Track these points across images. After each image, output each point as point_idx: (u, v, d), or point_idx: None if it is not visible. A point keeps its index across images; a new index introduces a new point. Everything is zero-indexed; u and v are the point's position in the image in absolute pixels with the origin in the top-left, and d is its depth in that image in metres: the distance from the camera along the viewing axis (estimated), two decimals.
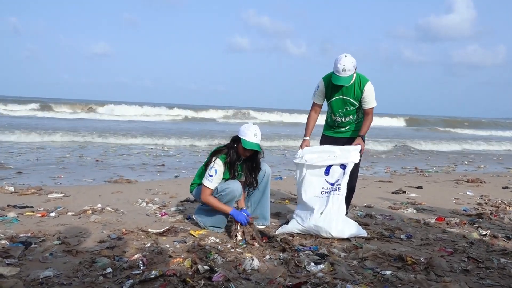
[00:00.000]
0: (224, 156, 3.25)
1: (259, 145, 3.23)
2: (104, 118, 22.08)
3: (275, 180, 6.25)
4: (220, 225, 3.37)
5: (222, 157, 3.25)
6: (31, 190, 4.73)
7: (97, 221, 3.51)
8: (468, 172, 8.27)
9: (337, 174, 3.32)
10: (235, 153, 3.25)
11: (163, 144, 11.38)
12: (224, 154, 3.26)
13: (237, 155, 3.26)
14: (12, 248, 2.68)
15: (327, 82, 3.47)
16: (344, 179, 3.28)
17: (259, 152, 3.32)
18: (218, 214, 3.32)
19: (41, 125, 15.31)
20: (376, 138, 15.24)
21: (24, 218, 3.56)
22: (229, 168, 3.27)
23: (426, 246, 3.08)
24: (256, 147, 3.19)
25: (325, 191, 3.31)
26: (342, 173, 3.31)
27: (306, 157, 3.37)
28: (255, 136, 3.19)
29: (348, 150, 3.32)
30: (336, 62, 3.27)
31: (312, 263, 2.56)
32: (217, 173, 3.22)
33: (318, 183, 3.35)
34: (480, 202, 5.06)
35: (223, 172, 3.26)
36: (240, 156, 3.28)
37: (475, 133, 25.68)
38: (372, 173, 7.75)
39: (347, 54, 3.28)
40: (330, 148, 3.41)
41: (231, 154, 3.24)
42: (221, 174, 3.25)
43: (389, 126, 29.31)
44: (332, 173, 3.33)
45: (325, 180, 3.34)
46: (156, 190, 5.13)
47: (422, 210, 4.44)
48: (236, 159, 3.27)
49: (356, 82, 3.39)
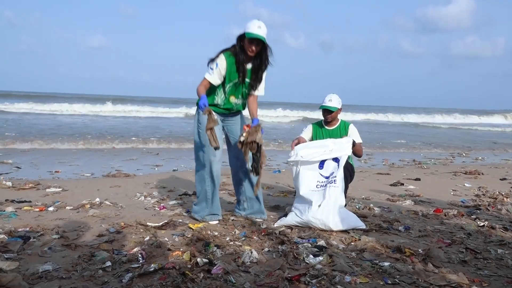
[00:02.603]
0: (229, 52, 3.20)
1: (263, 37, 3.09)
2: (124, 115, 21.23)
3: (273, 174, 6.26)
4: (217, 211, 3.40)
5: (226, 53, 3.19)
6: (29, 184, 4.72)
7: (96, 215, 3.51)
8: (466, 164, 8.29)
9: (331, 167, 3.36)
10: (241, 50, 3.17)
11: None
12: (229, 51, 3.21)
13: (243, 52, 3.18)
14: (11, 243, 2.67)
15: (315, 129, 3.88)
16: (339, 172, 3.32)
17: (267, 49, 3.19)
18: (212, 202, 3.35)
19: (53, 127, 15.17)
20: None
21: (22, 213, 3.55)
22: (237, 67, 3.18)
23: (424, 237, 3.09)
24: (260, 37, 3.07)
25: (320, 184, 3.33)
26: (336, 166, 3.36)
27: (301, 153, 3.40)
28: (259, 28, 3.08)
29: (341, 143, 3.42)
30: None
31: (311, 255, 2.57)
32: (217, 66, 3.16)
33: (312, 177, 3.37)
34: (477, 193, 5.09)
35: (225, 67, 3.17)
36: (247, 54, 3.17)
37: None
38: (370, 165, 7.76)
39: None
40: (324, 142, 3.48)
41: (237, 49, 3.17)
42: (223, 69, 3.17)
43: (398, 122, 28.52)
44: (326, 167, 3.37)
45: (319, 173, 3.37)
46: (155, 183, 5.13)
47: (420, 202, 4.46)
48: (243, 56, 3.17)
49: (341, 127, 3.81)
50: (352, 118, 26.41)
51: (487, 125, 26.26)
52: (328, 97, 3.75)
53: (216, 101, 3.32)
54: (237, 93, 3.32)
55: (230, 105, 3.35)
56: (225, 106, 3.35)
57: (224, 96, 3.30)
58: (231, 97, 3.31)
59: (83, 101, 27.30)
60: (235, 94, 3.32)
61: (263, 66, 3.27)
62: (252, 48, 3.13)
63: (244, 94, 3.36)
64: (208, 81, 3.18)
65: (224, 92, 3.29)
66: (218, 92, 3.30)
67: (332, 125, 3.81)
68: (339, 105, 3.74)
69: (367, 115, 29.59)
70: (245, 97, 3.40)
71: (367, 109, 39.63)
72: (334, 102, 3.71)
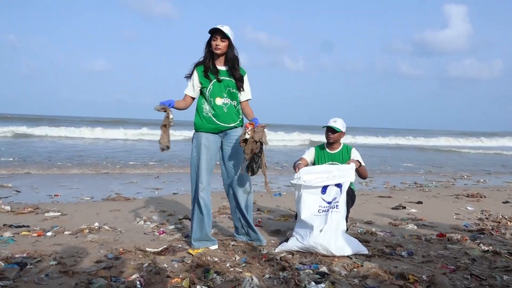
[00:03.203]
0: (198, 63, 3.31)
1: (222, 28, 3.15)
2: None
3: (274, 197, 6.21)
4: (205, 238, 3.31)
5: (197, 67, 3.31)
6: (27, 208, 4.69)
7: (94, 241, 3.46)
8: (467, 187, 8.24)
9: (333, 192, 3.35)
10: (207, 53, 3.27)
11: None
12: (198, 62, 3.32)
13: (212, 54, 3.26)
14: (7, 270, 2.63)
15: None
16: (342, 197, 3.30)
17: (233, 47, 3.27)
18: (201, 229, 3.30)
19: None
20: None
21: (20, 238, 3.51)
22: (206, 68, 3.26)
23: (428, 263, 3.04)
24: (219, 28, 3.13)
25: (322, 209, 3.30)
26: (338, 191, 3.34)
27: (305, 177, 3.37)
28: (221, 26, 3.17)
29: (345, 169, 3.41)
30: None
31: (313, 282, 2.51)
32: (191, 78, 3.31)
33: (314, 201, 3.34)
34: (481, 217, 5.03)
35: (197, 77, 3.28)
36: (216, 54, 3.24)
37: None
38: (372, 188, 7.72)
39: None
40: (328, 168, 3.47)
41: (204, 54, 3.28)
42: (196, 79, 3.28)
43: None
44: (329, 192, 3.36)
45: (321, 198, 3.35)
46: (154, 207, 5.09)
47: (423, 226, 4.40)
48: (210, 57, 3.26)
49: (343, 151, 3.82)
50: (352, 141, 26.37)
51: (492, 148, 26.00)
52: (333, 119, 3.77)
53: (205, 113, 3.28)
54: (220, 92, 3.27)
55: (220, 109, 3.27)
56: (216, 113, 3.26)
57: (209, 102, 3.28)
58: (216, 99, 3.27)
59: (84, 124, 27.40)
60: (219, 94, 3.27)
61: (236, 61, 3.30)
62: (216, 43, 3.20)
63: (229, 93, 3.30)
64: (185, 93, 3.33)
65: (207, 100, 3.29)
66: (203, 104, 3.31)
67: (334, 148, 3.80)
68: (343, 128, 3.74)
69: (367, 138, 29.40)
70: (234, 98, 3.32)
71: (366, 131, 39.69)
72: (339, 124, 3.72)
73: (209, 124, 3.28)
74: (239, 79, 3.31)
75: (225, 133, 3.34)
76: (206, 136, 3.30)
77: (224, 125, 3.30)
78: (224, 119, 3.29)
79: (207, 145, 3.30)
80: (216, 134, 3.33)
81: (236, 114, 3.35)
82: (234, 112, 3.33)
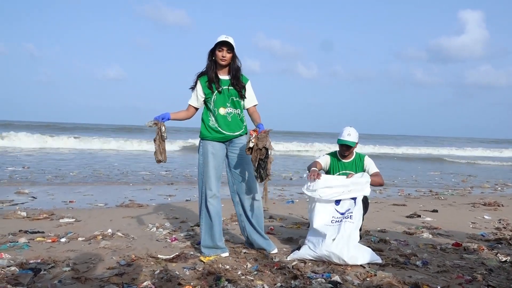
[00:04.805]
0: (201, 74, 3.34)
1: (229, 41, 3.19)
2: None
3: (286, 204, 6.18)
4: (217, 245, 3.29)
5: (200, 77, 3.34)
6: (43, 214, 4.75)
7: (107, 247, 3.49)
8: (484, 195, 8.08)
9: (347, 204, 3.32)
10: (211, 63, 3.29)
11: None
12: (201, 73, 3.36)
13: (215, 64, 3.28)
14: (21, 275, 2.66)
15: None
16: (357, 208, 3.28)
17: (236, 60, 3.30)
18: (211, 236, 3.29)
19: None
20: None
21: (34, 244, 3.56)
22: (210, 78, 3.28)
23: (443, 273, 2.97)
24: (225, 39, 3.17)
25: (335, 220, 3.28)
26: (352, 203, 3.32)
27: (320, 192, 3.31)
28: (226, 37, 3.19)
29: (361, 184, 3.35)
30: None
31: None
32: (195, 89, 3.34)
33: (328, 212, 3.32)
34: (498, 226, 4.91)
35: (201, 88, 3.31)
36: (220, 64, 3.26)
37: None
38: (386, 196, 7.62)
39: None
40: (344, 181, 3.38)
41: (208, 64, 3.30)
42: (200, 90, 3.31)
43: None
44: (343, 204, 3.33)
45: (335, 209, 3.33)
46: (167, 214, 5.11)
47: (438, 235, 4.32)
48: (213, 66, 3.28)
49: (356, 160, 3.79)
50: (365, 150, 25.86)
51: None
52: (347, 131, 3.66)
53: (211, 124, 3.31)
54: (224, 102, 3.30)
55: (224, 119, 3.29)
56: (220, 124, 3.29)
57: (213, 113, 3.31)
58: (220, 109, 3.30)
59: (100, 133, 27.49)
60: (223, 104, 3.30)
61: (238, 72, 3.33)
62: (223, 55, 3.23)
63: (233, 102, 3.32)
64: (189, 104, 3.37)
65: (211, 111, 3.32)
66: (208, 115, 3.34)
67: (347, 158, 3.77)
68: (356, 140, 3.68)
69: (382, 148, 28.12)
70: (237, 107, 3.35)
71: (379, 139, 39.20)
72: (353, 137, 3.64)
73: (215, 133, 3.31)
74: (242, 88, 3.35)
75: (230, 141, 3.37)
76: (212, 144, 3.33)
77: (229, 134, 3.33)
78: (229, 128, 3.32)
79: (214, 152, 3.33)
80: (222, 142, 3.36)
81: (240, 122, 3.39)
82: (238, 120, 3.37)
